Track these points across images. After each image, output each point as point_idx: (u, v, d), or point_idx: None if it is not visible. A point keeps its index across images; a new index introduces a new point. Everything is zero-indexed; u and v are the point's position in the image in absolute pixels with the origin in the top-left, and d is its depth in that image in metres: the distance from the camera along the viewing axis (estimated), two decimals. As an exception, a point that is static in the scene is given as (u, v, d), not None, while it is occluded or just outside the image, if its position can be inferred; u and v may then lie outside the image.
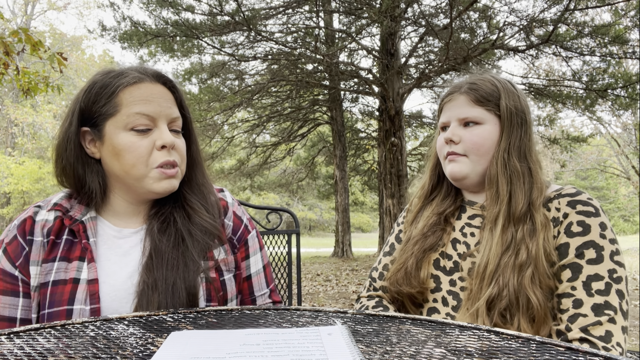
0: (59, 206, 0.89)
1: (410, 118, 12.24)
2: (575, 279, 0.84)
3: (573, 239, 0.87)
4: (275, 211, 1.73)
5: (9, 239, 0.86)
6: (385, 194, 8.93)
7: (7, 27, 12.53)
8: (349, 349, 0.52)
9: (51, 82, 4.15)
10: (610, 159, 18.63)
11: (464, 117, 0.99)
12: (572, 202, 0.91)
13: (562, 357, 0.51)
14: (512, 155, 0.96)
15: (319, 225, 32.79)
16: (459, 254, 1.00)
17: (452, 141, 1.00)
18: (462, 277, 0.97)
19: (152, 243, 0.88)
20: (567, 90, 8.05)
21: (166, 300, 0.82)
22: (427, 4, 10.11)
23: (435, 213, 1.07)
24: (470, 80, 1.03)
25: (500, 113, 0.97)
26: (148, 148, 0.86)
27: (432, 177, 1.12)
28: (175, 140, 0.89)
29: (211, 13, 7.34)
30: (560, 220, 0.90)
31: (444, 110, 1.04)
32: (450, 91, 1.05)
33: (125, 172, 0.86)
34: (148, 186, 0.87)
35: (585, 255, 0.85)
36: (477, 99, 0.98)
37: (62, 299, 0.81)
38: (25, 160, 17.07)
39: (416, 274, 1.00)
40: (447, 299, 0.98)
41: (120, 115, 0.85)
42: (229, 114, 10.31)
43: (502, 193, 0.94)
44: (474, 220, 1.03)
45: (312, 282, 7.74)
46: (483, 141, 0.97)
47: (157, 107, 0.86)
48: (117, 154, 0.85)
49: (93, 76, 0.90)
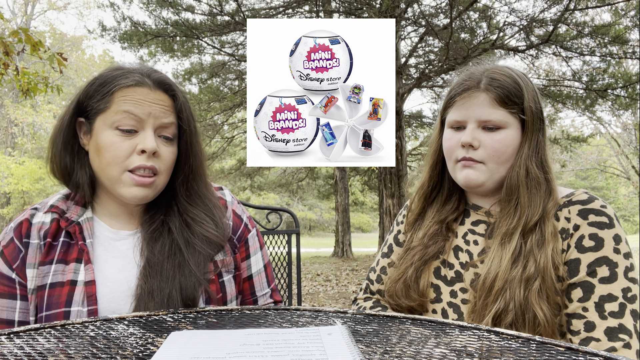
0: (56, 208, 0.89)
1: (410, 118, 12.23)
2: (587, 299, 0.79)
3: (585, 254, 0.81)
4: (275, 211, 1.73)
5: (6, 241, 0.85)
6: (385, 194, 8.93)
7: (7, 27, 12.52)
8: (349, 349, 0.52)
9: (51, 83, 4.15)
10: (610, 159, 18.63)
11: (485, 120, 0.89)
12: (584, 211, 0.84)
13: (562, 357, 0.51)
14: (533, 163, 0.88)
15: (319, 225, 32.77)
16: (461, 263, 0.94)
17: (471, 146, 0.90)
18: (464, 288, 0.91)
19: (147, 253, 0.87)
20: (567, 90, 8.05)
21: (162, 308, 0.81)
22: (427, 4, 10.11)
23: (436, 221, 1.00)
24: (489, 74, 0.91)
25: (526, 117, 0.89)
26: (127, 150, 0.83)
27: (432, 177, 1.03)
28: (160, 147, 0.85)
29: (211, 13, 7.34)
30: (571, 233, 0.83)
31: (458, 106, 0.92)
32: (466, 85, 0.92)
33: (102, 169, 0.85)
34: (118, 189, 0.85)
35: (597, 273, 0.79)
36: (501, 99, 0.88)
37: (60, 301, 0.81)
38: (25, 160, 17.06)
39: (415, 286, 0.95)
40: (447, 312, 0.92)
41: (109, 112, 0.84)
42: (229, 114, 10.31)
43: (523, 204, 0.86)
44: (477, 226, 0.96)
45: (312, 282, 7.74)
46: (505, 148, 0.88)
47: (146, 109, 0.84)
48: (99, 150, 0.84)
49: (102, 70, 0.90)
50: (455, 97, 0.93)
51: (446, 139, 0.96)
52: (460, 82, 0.94)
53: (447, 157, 0.97)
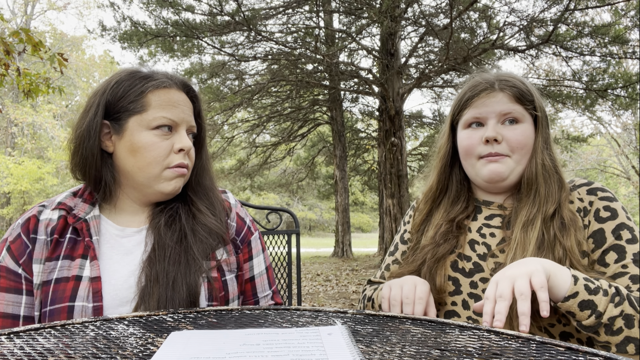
0: (63, 205, 0.90)
1: (410, 118, 12.24)
2: (623, 258, 0.86)
3: (605, 224, 0.89)
4: (275, 211, 1.73)
5: (13, 237, 0.87)
6: (385, 194, 8.93)
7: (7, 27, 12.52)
8: (349, 349, 0.52)
9: (52, 83, 4.15)
10: (610, 159, 18.63)
11: (507, 112, 0.95)
12: (591, 190, 0.94)
13: (562, 357, 0.51)
14: (546, 155, 0.96)
15: (319, 225, 32.79)
16: (479, 255, 0.96)
17: (495, 140, 0.94)
18: (484, 277, 0.93)
19: (157, 237, 0.90)
20: (567, 90, 8.05)
21: (166, 294, 0.83)
22: (427, 4, 10.13)
23: (445, 220, 1.02)
24: (500, 77, 0.99)
25: (538, 112, 0.96)
26: (167, 149, 0.90)
27: (440, 180, 1.07)
28: (191, 145, 0.94)
29: (211, 13, 7.34)
30: (588, 209, 0.92)
31: (477, 105, 0.97)
32: (482, 86, 0.98)
33: (139, 168, 0.89)
34: (156, 185, 0.90)
35: (622, 236, 0.88)
36: (517, 96, 0.95)
37: (64, 295, 0.82)
38: (25, 160, 17.08)
39: (431, 283, 0.96)
40: (468, 302, 0.94)
41: (147, 115, 0.88)
42: (229, 114, 10.31)
43: (541, 195, 0.93)
44: (492, 220, 0.99)
45: (312, 282, 7.74)
46: (527, 140, 0.95)
47: (180, 113, 0.91)
48: (135, 150, 0.88)
49: (118, 72, 0.94)
50: (472, 98, 0.99)
51: (464, 138, 1.00)
52: (473, 85, 1.00)
53: (466, 156, 1.00)
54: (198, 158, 1.00)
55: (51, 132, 17.33)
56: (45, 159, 18.80)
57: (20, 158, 17.47)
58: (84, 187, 0.96)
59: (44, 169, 17.02)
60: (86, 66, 19.59)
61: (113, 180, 0.92)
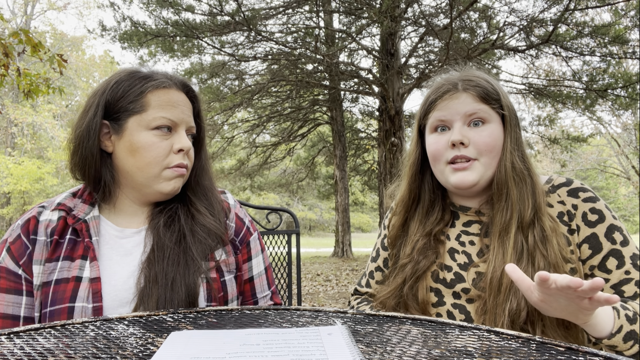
0: (63, 205, 0.90)
1: (410, 118, 12.20)
2: (623, 263, 0.84)
3: (596, 227, 0.86)
4: (275, 211, 1.73)
5: (13, 238, 0.87)
6: (385, 194, 8.92)
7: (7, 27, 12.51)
8: (349, 349, 0.52)
9: (52, 84, 4.14)
10: (610, 159, 18.62)
11: (472, 113, 0.90)
12: (572, 191, 0.90)
13: (562, 357, 0.51)
14: (516, 157, 0.90)
15: (319, 225, 32.77)
16: (460, 264, 0.93)
17: (461, 143, 0.90)
18: (466, 288, 0.90)
19: (156, 237, 0.89)
20: (567, 90, 8.04)
21: (165, 295, 0.83)
22: (427, 4, 10.12)
23: (422, 234, 0.97)
24: (463, 77, 0.94)
25: (505, 112, 0.91)
26: (166, 149, 0.90)
27: (412, 189, 1.01)
28: (190, 145, 0.94)
29: (211, 13, 7.33)
30: (573, 213, 0.88)
31: (441, 107, 0.93)
32: (445, 88, 0.93)
33: (138, 168, 0.89)
34: (156, 185, 0.90)
35: (616, 239, 0.85)
36: (482, 96, 0.90)
37: (64, 296, 0.82)
38: (24, 160, 17.07)
39: (414, 301, 0.93)
40: (452, 313, 0.91)
41: (146, 115, 0.88)
42: (229, 114, 10.31)
43: (513, 199, 0.88)
44: (470, 227, 0.96)
45: (312, 282, 7.74)
46: (495, 142, 0.90)
47: (179, 114, 0.91)
48: (135, 150, 0.88)
49: (118, 72, 0.93)
50: (436, 101, 0.94)
51: (431, 143, 0.95)
52: (437, 87, 0.96)
53: (434, 162, 0.95)
54: (197, 158, 1.00)
55: (51, 132, 17.33)
56: (45, 159, 18.79)
57: (20, 158, 17.46)
58: (83, 187, 0.96)
59: (43, 169, 17.01)
60: (86, 66, 19.59)
61: (112, 180, 0.91)
